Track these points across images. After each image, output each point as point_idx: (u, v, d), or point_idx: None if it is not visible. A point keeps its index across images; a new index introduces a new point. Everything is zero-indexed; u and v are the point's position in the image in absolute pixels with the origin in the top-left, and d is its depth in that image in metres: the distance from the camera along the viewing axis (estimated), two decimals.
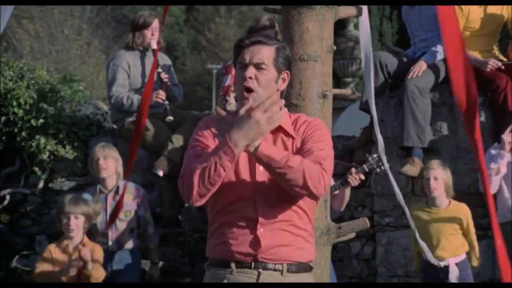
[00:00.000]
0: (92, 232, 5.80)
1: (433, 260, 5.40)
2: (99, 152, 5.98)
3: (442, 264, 5.44)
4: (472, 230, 5.58)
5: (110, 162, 5.97)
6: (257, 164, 3.14)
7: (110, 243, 5.90)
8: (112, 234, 5.91)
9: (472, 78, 3.24)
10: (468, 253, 5.60)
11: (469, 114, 3.19)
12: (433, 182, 5.52)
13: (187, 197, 3.09)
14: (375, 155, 5.48)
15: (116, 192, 5.97)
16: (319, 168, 3.06)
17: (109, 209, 5.91)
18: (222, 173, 3.01)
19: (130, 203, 5.99)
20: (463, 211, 5.55)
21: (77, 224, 5.46)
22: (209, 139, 3.20)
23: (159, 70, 6.79)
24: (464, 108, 3.21)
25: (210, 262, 3.21)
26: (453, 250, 5.49)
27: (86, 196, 5.89)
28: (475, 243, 5.59)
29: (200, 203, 3.12)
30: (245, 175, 3.14)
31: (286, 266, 3.13)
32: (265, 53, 3.18)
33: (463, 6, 6.41)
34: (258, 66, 3.16)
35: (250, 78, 3.15)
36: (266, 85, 3.17)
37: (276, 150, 3.04)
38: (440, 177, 5.53)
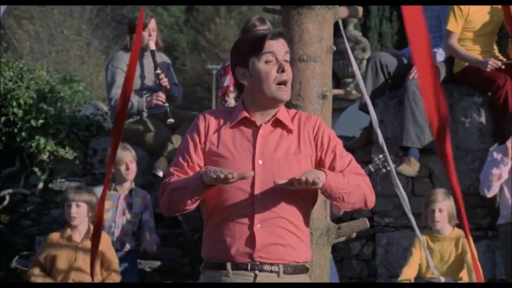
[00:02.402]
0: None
1: (437, 274, 5.40)
2: (126, 157, 5.95)
3: (442, 279, 5.44)
4: (469, 253, 5.51)
5: (132, 166, 5.98)
6: (256, 158, 3.14)
7: (113, 242, 5.94)
8: (117, 233, 5.94)
9: (442, 95, 3.29)
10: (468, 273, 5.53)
11: (440, 132, 3.24)
12: (437, 215, 5.53)
13: (160, 208, 3.24)
14: (381, 156, 5.47)
15: (130, 193, 6.00)
16: (368, 182, 3.21)
17: (120, 209, 5.95)
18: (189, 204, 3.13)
19: (138, 207, 6.01)
20: (463, 237, 5.53)
21: (78, 212, 5.43)
22: (199, 139, 3.21)
23: (158, 71, 6.79)
24: (435, 126, 3.27)
25: (205, 264, 3.20)
26: (454, 274, 5.50)
27: (99, 190, 5.92)
28: (472, 267, 5.49)
29: (171, 215, 3.26)
30: (242, 167, 3.12)
31: (283, 267, 3.12)
32: (287, 45, 3.22)
33: (462, 7, 6.41)
34: (286, 59, 3.19)
35: (287, 70, 3.19)
36: (291, 78, 3.22)
37: (338, 176, 3.13)
38: (445, 209, 5.53)
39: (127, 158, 5.95)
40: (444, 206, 5.52)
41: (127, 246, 5.97)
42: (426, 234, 5.62)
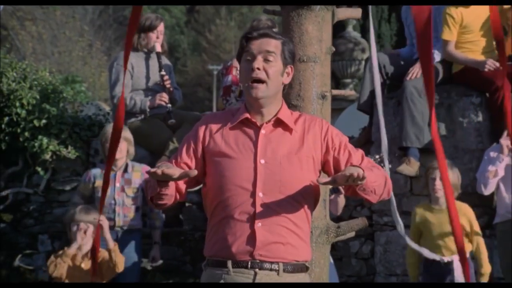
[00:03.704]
0: (96, 205, 5.85)
1: (433, 255, 5.38)
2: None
3: (445, 259, 5.41)
4: (477, 231, 5.48)
5: (122, 144, 6.05)
6: (258, 158, 3.15)
7: (117, 218, 5.96)
8: (119, 210, 5.99)
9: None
10: (475, 257, 5.50)
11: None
12: (438, 182, 5.46)
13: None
14: (377, 156, 5.47)
15: (125, 170, 6.09)
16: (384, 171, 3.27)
17: (118, 186, 6.02)
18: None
19: (138, 181, 6.08)
20: (465, 211, 5.51)
21: (86, 232, 5.47)
22: (195, 142, 3.25)
23: (163, 73, 6.81)
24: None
25: (207, 262, 3.21)
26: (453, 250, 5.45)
27: (95, 171, 6.06)
28: (482, 246, 5.46)
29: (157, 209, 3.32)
30: (245, 167, 3.14)
31: (282, 266, 3.13)
32: (273, 45, 3.21)
33: (454, 14, 6.42)
34: (266, 58, 3.18)
35: (258, 69, 3.17)
36: (273, 77, 3.19)
37: (368, 169, 3.13)
38: None
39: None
40: None
41: (132, 222, 6.02)
42: (423, 206, 5.60)
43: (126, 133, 6.13)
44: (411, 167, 6.24)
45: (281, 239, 3.13)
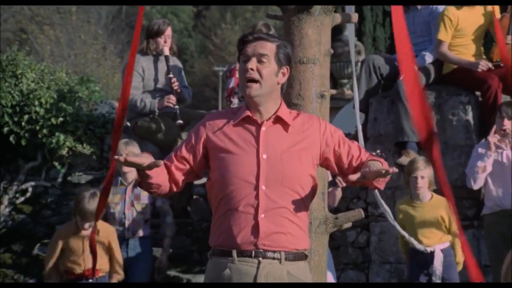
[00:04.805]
0: (109, 220, 5.80)
1: (419, 246, 5.40)
2: (122, 148, 5.91)
3: (428, 249, 5.42)
4: (454, 223, 5.49)
5: None
6: (261, 153, 3.15)
7: (125, 231, 5.90)
8: (128, 224, 5.92)
9: (429, 110, 3.40)
10: (452, 247, 5.52)
11: (428, 142, 3.34)
12: (420, 181, 5.51)
13: None
14: (374, 154, 5.47)
15: (135, 185, 5.97)
16: None
17: (128, 200, 5.92)
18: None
19: (145, 197, 5.96)
20: (444, 204, 5.52)
21: (90, 224, 5.43)
22: (196, 139, 3.27)
23: (171, 75, 6.80)
24: (423, 137, 3.39)
25: (213, 252, 3.21)
26: (438, 239, 5.48)
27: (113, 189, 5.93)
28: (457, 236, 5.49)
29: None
30: (248, 161, 3.14)
31: (284, 254, 3.13)
32: (267, 47, 3.20)
33: (451, 16, 6.39)
34: (259, 60, 3.18)
35: (252, 69, 3.17)
36: (267, 77, 3.18)
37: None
38: (426, 176, 5.52)
39: (123, 152, 5.86)
40: (425, 173, 5.53)
41: (140, 233, 5.95)
42: (405, 202, 5.61)
43: (135, 149, 5.95)
44: (409, 158, 6.23)
45: (282, 229, 3.12)
